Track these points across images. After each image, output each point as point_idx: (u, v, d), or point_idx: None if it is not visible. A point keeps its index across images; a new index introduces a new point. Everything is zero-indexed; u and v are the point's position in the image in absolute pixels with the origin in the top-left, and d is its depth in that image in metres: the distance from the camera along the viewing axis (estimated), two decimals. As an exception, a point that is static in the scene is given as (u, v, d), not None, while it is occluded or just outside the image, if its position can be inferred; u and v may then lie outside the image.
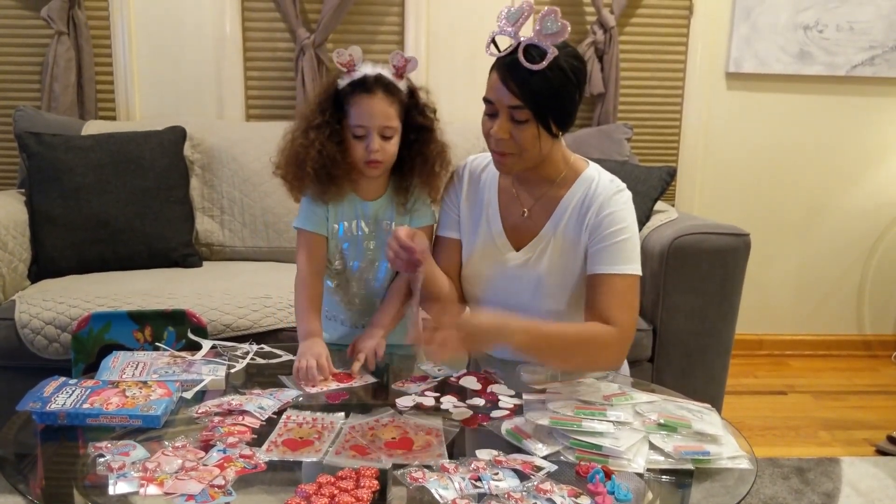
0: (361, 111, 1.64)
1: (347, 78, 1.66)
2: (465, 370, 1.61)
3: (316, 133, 1.65)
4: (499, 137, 1.52)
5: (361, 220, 1.76)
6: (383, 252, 1.72)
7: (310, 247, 1.75)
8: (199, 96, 3.22)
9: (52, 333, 2.24)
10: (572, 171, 1.63)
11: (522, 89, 1.47)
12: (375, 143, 1.64)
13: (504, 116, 1.51)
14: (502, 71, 1.49)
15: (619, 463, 1.21)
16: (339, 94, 1.67)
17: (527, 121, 1.50)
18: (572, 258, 1.61)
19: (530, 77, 1.46)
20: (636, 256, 1.58)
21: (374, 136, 1.64)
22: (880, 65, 3.44)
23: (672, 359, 2.47)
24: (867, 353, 3.75)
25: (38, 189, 2.67)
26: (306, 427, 1.32)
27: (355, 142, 1.65)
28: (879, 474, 2.53)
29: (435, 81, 3.28)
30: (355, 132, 1.65)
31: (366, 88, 1.64)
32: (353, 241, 1.76)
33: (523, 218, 1.66)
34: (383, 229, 1.76)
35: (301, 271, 1.75)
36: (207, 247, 2.90)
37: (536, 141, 1.52)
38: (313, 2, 3.20)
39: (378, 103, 1.64)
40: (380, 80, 1.65)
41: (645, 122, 3.44)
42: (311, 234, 1.74)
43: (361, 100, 1.63)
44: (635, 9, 3.34)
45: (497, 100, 1.51)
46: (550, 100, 1.48)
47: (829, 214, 3.64)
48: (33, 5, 3.07)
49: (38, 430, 1.32)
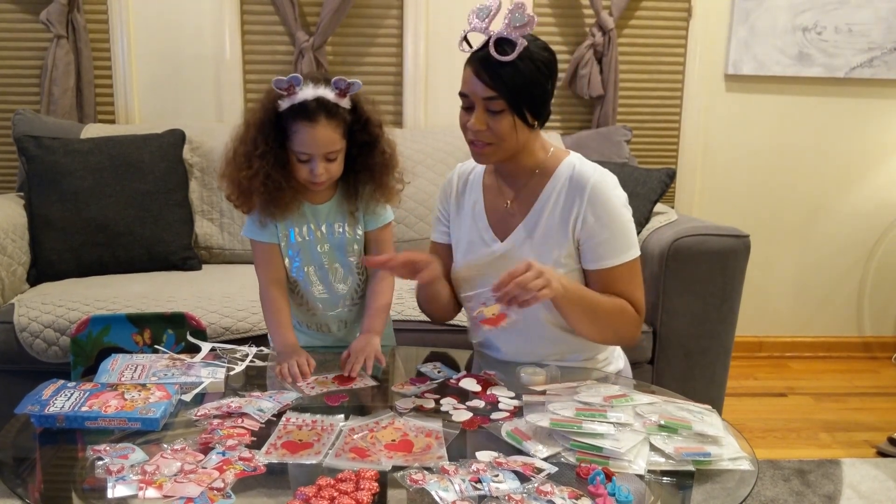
0: (304, 139, 1.61)
1: (288, 101, 1.61)
2: (465, 372, 1.61)
3: (260, 162, 1.62)
4: (476, 129, 1.55)
5: (311, 224, 1.75)
6: (339, 255, 1.76)
7: (266, 257, 1.76)
8: (199, 99, 3.22)
9: (51, 337, 2.24)
10: (553, 161, 1.66)
11: (495, 80, 1.51)
12: (320, 168, 1.64)
13: (480, 108, 1.55)
14: (475, 64, 1.53)
15: (620, 464, 1.21)
16: (280, 116, 1.63)
17: (502, 111, 1.54)
18: (556, 244, 1.62)
19: (501, 68, 1.50)
20: (634, 237, 1.64)
21: (318, 161, 1.63)
22: (879, 66, 3.44)
23: (672, 360, 2.47)
24: (867, 354, 3.74)
25: (38, 192, 2.66)
26: (306, 429, 1.32)
27: (299, 164, 1.65)
28: (880, 476, 2.53)
29: (433, 84, 3.29)
30: (299, 157, 1.64)
31: (307, 116, 1.60)
32: (305, 246, 1.75)
33: (506, 209, 1.68)
34: (335, 232, 1.76)
35: (263, 285, 1.76)
36: (207, 250, 2.90)
37: (513, 130, 1.56)
38: (312, 5, 3.20)
39: (321, 130, 1.61)
40: (321, 103, 1.61)
41: (644, 124, 3.44)
42: (265, 245, 1.75)
43: (304, 128, 1.60)
44: (634, 11, 3.34)
45: (472, 92, 1.54)
46: (523, 89, 1.53)
47: (829, 216, 3.64)
48: (32, 9, 3.07)
49: (37, 433, 1.32)
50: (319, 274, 1.78)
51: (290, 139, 1.63)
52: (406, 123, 3.28)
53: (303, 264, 1.76)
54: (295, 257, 1.76)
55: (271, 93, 1.63)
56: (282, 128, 1.63)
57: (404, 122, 3.29)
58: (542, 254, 1.62)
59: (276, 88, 1.60)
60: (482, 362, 1.73)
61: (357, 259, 1.80)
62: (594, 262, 1.61)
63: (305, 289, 1.79)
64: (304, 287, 1.79)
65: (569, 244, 1.62)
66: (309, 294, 1.80)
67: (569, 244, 1.62)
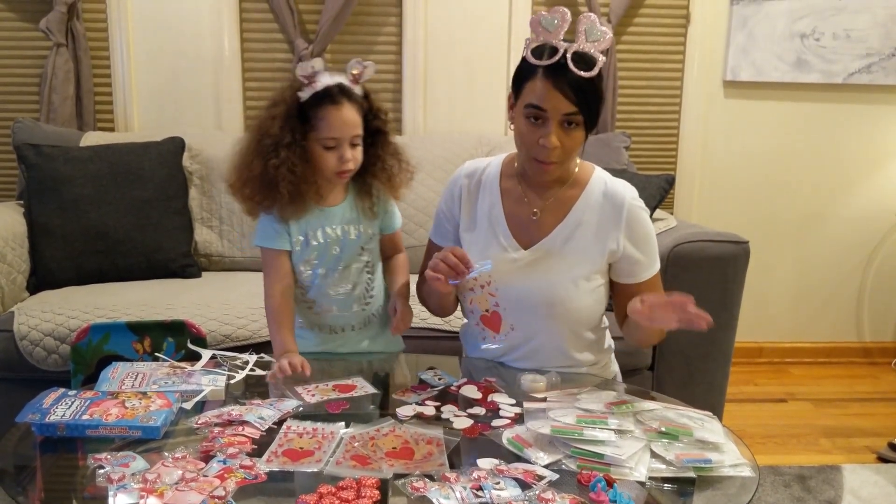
0: (332, 124, 1.64)
1: (309, 90, 1.64)
2: (465, 378, 1.61)
3: (287, 151, 1.64)
4: (552, 147, 1.52)
5: (326, 227, 1.76)
6: (353, 255, 1.77)
7: (276, 265, 1.76)
8: (198, 107, 3.22)
9: (51, 345, 2.24)
10: (582, 174, 1.67)
11: (578, 95, 1.49)
12: (348, 153, 1.66)
13: (555, 124, 1.52)
14: (555, 78, 1.49)
15: (621, 471, 1.21)
16: (302, 107, 1.66)
17: (577, 127, 1.53)
18: (588, 260, 1.63)
19: (585, 83, 1.49)
20: (658, 251, 1.69)
21: (345, 145, 1.66)
22: (877, 72, 3.45)
23: (672, 367, 2.47)
24: (867, 360, 3.74)
25: (37, 200, 2.66)
26: (307, 437, 1.32)
27: (326, 153, 1.66)
28: (881, 481, 2.53)
29: (433, 91, 3.29)
30: (326, 144, 1.66)
31: (332, 100, 1.64)
32: (320, 249, 1.76)
33: (533, 219, 1.66)
34: (349, 234, 1.77)
35: (271, 295, 1.76)
36: (206, 257, 2.90)
37: (580, 146, 1.57)
38: (311, 12, 3.20)
39: (346, 112, 1.65)
40: (343, 89, 1.66)
41: (643, 130, 3.44)
42: (276, 252, 1.75)
43: (331, 112, 1.64)
44: (632, 18, 3.35)
45: (552, 107, 1.50)
46: (597, 104, 1.53)
47: (828, 222, 3.64)
48: (32, 17, 3.08)
49: (38, 441, 1.32)
50: (334, 276, 1.78)
51: (315, 128, 1.66)
52: (405, 130, 3.29)
53: (318, 267, 1.77)
54: (311, 261, 1.76)
55: (291, 85, 1.67)
56: (304, 119, 1.66)
57: (404, 129, 3.29)
58: (571, 266, 1.62)
59: (300, 75, 1.64)
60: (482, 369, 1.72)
61: (369, 258, 1.82)
62: (629, 278, 1.65)
63: (320, 291, 1.79)
64: (319, 289, 1.79)
65: (602, 262, 1.63)
66: (324, 296, 1.80)
67: (602, 262, 1.63)
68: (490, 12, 3.23)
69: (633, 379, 2.28)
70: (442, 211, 1.78)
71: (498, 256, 1.65)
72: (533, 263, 1.63)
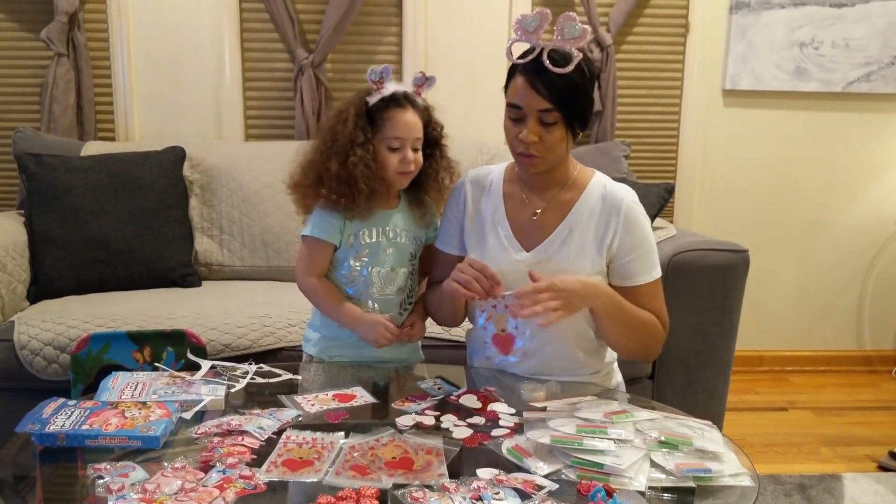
0: (398, 125, 1.73)
1: (377, 95, 1.75)
2: (465, 388, 1.61)
3: (362, 150, 1.72)
4: (529, 141, 1.56)
5: (380, 227, 1.80)
6: (401, 259, 1.81)
7: (319, 256, 1.81)
8: (198, 116, 3.23)
9: (51, 354, 2.24)
10: (581, 177, 1.69)
11: (552, 92, 1.53)
12: (410, 154, 1.74)
13: (533, 120, 1.56)
14: (529, 76, 1.54)
15: (621, 481, 1.20)
16: (370, 111, 1.75)
17: (555, 123, 1.56)
18: (589, 261, 1.64)
19: (559, 80, 1.52)
20: (657, 258, 1.68)
21: (408, 147, 1.74)
22: (876, 81, 3.46)
23: (672, 376, 2.47)
24: (867, 368, 3.74)
25: (38, 210, 2.67)
26: (306, 447, 1.32)
27: (390, 154, 1.74)
28: (881, 490, 2.52)
29: (433, 100, 3.28)
30: (391, 144, 1.74)
31: (399, 104, 1.75)
32: (372, 247, 1.79)
33: (533, 220, 1.68)
34: (399, 237, 1.82)
35: (307, 277, 1.81)
36: (207, 266, 2.90)
37: (563, 143, 1.59)
38: (311, 22, 3.22)
39: (411, 115, 1.75)
40: (408, 96, 1.77)
41: (642, 139, 3.45)
42: (321, 243, 1.78)
43: (397, 114, 1.74)
44: (632, 27, 3.36)
45: (526, 104, 1.56)
46: (577, 102, 1.55)
47: (828, 230, 3.64)
48: (33, 27, 3.09)
49: (37, 451, 1.31)
50: (382, 276, 1.80)
51: (381, 129, 1.74)
52: (405, 139, 3.29)
53: (369, 265, 1.79)
54: (361, 257, 1.79)
55: (359, 93, 1.78)
56: (372, 122, 1.74)
57: (404, 138, 3.29)
58: (572, 267, 1.63)
59: (369, 80, 1.75)
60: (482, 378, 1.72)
61: (416, 266, 1.87)
62: (624, 280, 1.65)
63: (365, 289, 1.81)
64: (364, 287, 1.81)
65: (601, 263, 1.64)
66: (367, 295, 1.81)
67: (601, 263, 1.64)
68: (490, 21, 3.24)
69: (633, 388, 2.28)
70: (447, 217, 1.81)
71: (501, 258, 1.67)
72: (535, 265, 1.64)
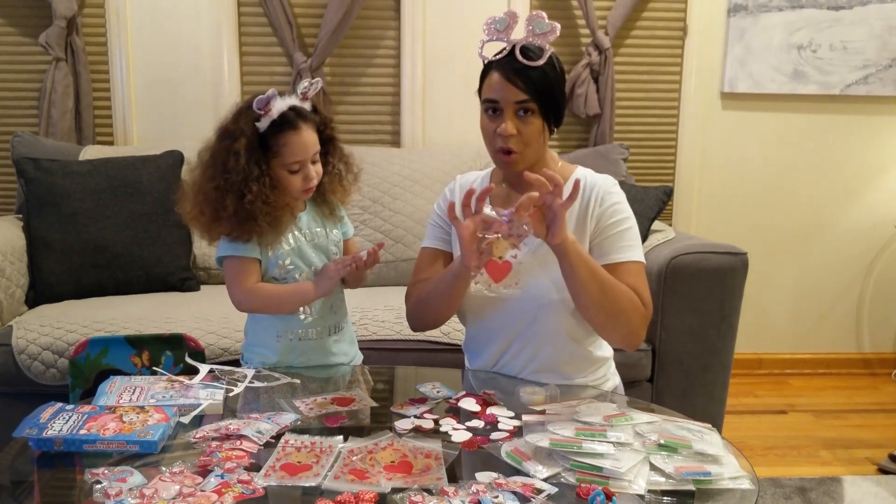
0: (295, 149, 1.67)
1: (267, 119, 1.66)
2: (463, 392, 1.61)
3: (258, 185, 1.65)
4: (507, 134, 1.58)
5: (296, 231, 1.78)
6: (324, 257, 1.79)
7: (247, 269, 1.73)
8: (197, 120, 3.22)
9: (50, 359, 2.24)
10: (564, 171, 1.70)
11: (527, 84, 1.56)
12: (311, 171, 1.71)
13: (510, 113, 1.58)
14: (504, 70, 1.57)
15: (620, 484, 1.20)
16: (261, 136, 1.67)
17: (531, 115, 1.58)
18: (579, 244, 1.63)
19: (532, 72, 1.55)
20: (640, 241, 1.68)
21: (308, 166, 1.70)
22: (874, 83, 3.46)
23: (672, 379, 2.47)
24: (867, 371, 3.74)
25: (36, 214, 2.67)
26: (304, 451, 1.31)
27: (291, 176, 1.70)
28: (882, 493, 2.52)
29: (431, 104, 3.30)
30: (291, 168, 1.69)
31: (292, 125, 1.67)
32: (293, 253, 1.76)
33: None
34: (316, 236, 1.80)
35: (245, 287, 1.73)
36: (205, 271, 2.90)
37: (541, 135, 1.61)
38: (310, 26, 3.22)
39: (305, 134, 1.69)
40: (296, 110, 1.69)
41: (641, 142, 3.45)
42: (249, 260, 1.73)
43: (292, 138, 1.67)
44: (630, 30, 3.36)
45: (503, 98, 1.58)
46: (551, 93, 1.58)
47: (827, 232, 3.64)
48: (31, 32, 3.09)
49: (35, 456, 1.31)
50: (310, 277, 1.78)
51: (277, 154, 1.67)
52: (404, 142, 3.30)
53: (294, 272, 1.77)
54: (285, 266, 1.76)
55: (247, 116, 1.67)
56: (265, 147, 1.67)
57: (402, 142, 3.30)
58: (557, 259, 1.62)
59: (257, 109, 1.65)
60: (481, 382, 1.72)
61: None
62: (602, 257, 1.64)
63: None
64: None
65: (585, 246, 1.65)
66: None
67: (585, 246, 1.65)
68: (488, 25, 3.25)
69: (632, 391, 2.28)
70: (435, 220, 1.82)
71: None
72: (522, 259, 1.65)
